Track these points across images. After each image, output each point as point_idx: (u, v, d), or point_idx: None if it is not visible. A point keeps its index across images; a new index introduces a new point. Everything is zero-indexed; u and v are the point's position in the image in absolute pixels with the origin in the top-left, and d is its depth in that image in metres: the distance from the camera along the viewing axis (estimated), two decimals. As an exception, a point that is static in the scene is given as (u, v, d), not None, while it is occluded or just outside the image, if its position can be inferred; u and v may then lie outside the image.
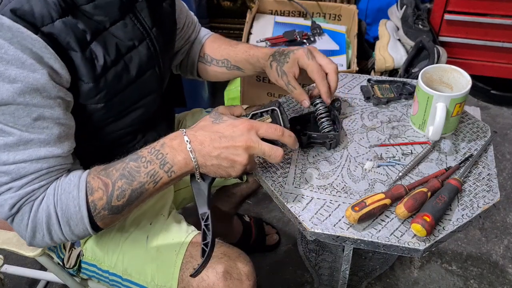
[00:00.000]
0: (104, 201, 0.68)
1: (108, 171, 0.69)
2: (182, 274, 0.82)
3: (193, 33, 1.04)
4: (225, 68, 1.01)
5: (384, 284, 1.37)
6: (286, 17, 1.83)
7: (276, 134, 0.70)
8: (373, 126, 0.91)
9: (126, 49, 0.76)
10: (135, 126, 0.85)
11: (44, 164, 0.68)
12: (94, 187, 0.68)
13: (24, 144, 0.66)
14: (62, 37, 0.67)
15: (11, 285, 1.40)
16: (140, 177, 0.68)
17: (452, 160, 0.83)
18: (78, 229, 0.69)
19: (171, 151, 0.69)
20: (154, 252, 0.85)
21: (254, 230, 1.44)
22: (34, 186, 0.67)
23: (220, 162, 0.68)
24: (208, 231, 0.69)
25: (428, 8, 1.85)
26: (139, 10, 0.78)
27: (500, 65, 1.86)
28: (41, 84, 0.64)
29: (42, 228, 0.68)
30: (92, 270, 0.91)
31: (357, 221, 0.71)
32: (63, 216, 0.68)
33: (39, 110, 0.65)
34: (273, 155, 0.69)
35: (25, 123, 0.65)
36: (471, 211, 0.74)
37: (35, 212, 0.68)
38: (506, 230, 1.50)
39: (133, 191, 0.69)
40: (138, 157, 0.69)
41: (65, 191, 0.68)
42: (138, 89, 0.81)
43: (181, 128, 1.10)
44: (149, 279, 0.85)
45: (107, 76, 0.74)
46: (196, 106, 1.33)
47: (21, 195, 0.67)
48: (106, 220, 0.71)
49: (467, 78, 0.84)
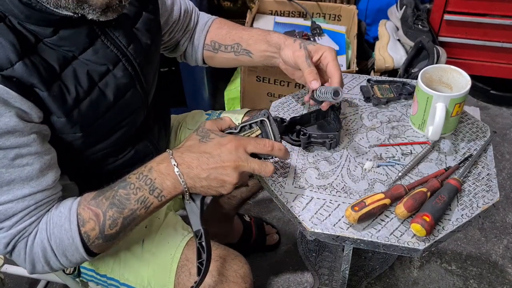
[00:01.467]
0: (97, 231, 0.68)
1: (97, 201, 0.68)
2: (178, 277, 0.82)
3: (191, 21, 1.00)
4: (233, 53, 0.97)
5: (383, 284, 1.37)
6: (286, 18, 1.83)
7: (265, 150, 0.70)
8: (372, 126, 0.91)
9: (99, 76, 0.73)
10: (121, 143, 0.84)
11: (31, 201, 0.67)
12: (85, 219, 0.68)
13: (6, 185, 0.65)
14: (24, 79, 0.63)
15: (11, 285, 1.40)
16: (131, 204, 0.68)
17: (452, 160, 0.83)
18: (75, 258, 0.70)
19: (159, 176, 0.68)
20: (150, 256, 0.85)
21: (254, 230, 1.44)
22: (25, 224, 0.67)
23: (210, 183, 0.68)
24: (202, 249, 0.69)
25: (428, 9, 1.85)
26: (112, 30, 0.74)
27: (499, 65, 1.86)
28: (11, 127, 0.62)
29: (40, 261, 0.69)
30: (91, 274, 0.92)
31: (357, 221, 0.71)
32: (58, 249, 0.68)
33: (15, 150, 0.64)
34: (264, 171, 0.69)
35: (3, 164, 0.64)
36: (470, 211, 0.74)
37: (30, 248, 0.68)
38: (506, 230, 1.50)
39: (124, 219, 0.68)
40: (126, 184, 0.69)
41: (57, 225, 0.68)
42: (119, 111, 0.78)
43: (181, 131, 1.10)
44: (145, 283, 0.85)
45: (80, 107, 0.71)
46: (196, 106, 1.33)
47: (13, 234, 0.67)
48: (102, 247, 0.71)
49: (467, 78, 0.85)
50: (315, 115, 0.90)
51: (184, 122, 1.12)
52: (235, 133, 0.75)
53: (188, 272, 0.81)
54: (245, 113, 1.07)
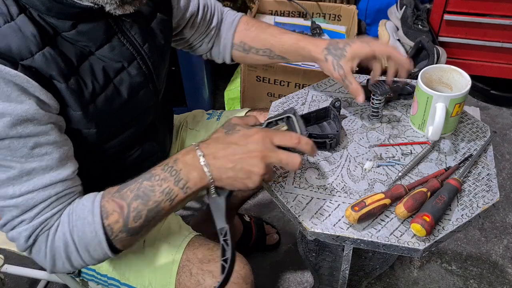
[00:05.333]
0: (121, 224, 0.67)
1: (122, 193, 0.67)
2: (179, 278, 0.82)
3: (214, 17, 0.98)
4: (267, 57, 0.97)
5: (384, 284, 1.37)
6: (286, 18, 1.83)
7: (292, 142, 0.68)
8: (372, 126, 0.91)
9: (114, 72, 0.74)
10: (130, 141, 0.84)
11: (51, 191, 0.66)
12: (108, 211, 0.67)
13: (27, 174, 0.65)
14: (43, 70, 0.64)
15: (11, 285, 1.41)
16: (155, 196, 0.67)
17: (452, 160, 0.83)
18: (97, 253, 0.68)
19: (185, 167, 0.67)
20: (151, 256, 0.85)
21: (254, 230, 1.44)
22: (47, 215, 0.66)
23: (236, 174, 0.66)
24: (227, 246, 0.66)
25: (428, 9, 1.85)
26: (129, 28, 0.75)
27: (499, 65, 1.86)
28: (30, 114, 0.63)
29: (61, 257, 0.67)
30: (91, 274, 0.91)
31: (357, 221, 0.71)
32: (81, 243, 0.67)
33: (34, 139, 0.64)
34: (291, 163, 0.67)
35: (23, 154, 0.64)
36: (470, 211, 0.74)
37: (51, 241, 0.66)
38: (506, 230, 1.50)
39: (149, 211, 0.67)
40: (151, 175, 0.68)
41: (80, 217, 0.66)
42: (132, 109, 0.79)
43: (182, 130, 1.10)
44: (146, 283, 0.85)
45: (96, 102, 0.72)
46: (197, 106, 1.33)
47: (35, 226, 0.66)
48: (125, 242, 0.69)
49: (467, 78, 0.85)
50: (315, 115, 0.90)
51: (185, 122, 1.12)
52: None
53: (189, 272, 0.81)
54: (245, 113, 1.07)
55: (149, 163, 0.85)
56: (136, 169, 0.73)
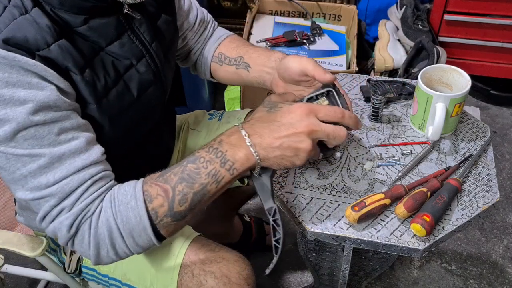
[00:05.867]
0: (166, 208, 0.65)
1: (165, 177, 0.66)
2: (180, 278, 0.82)
3: (206, 31, 1.00)
4: (234, 66, 0.94)
5: (384, 284, 1.37)
6: (286, 18, 1.83)
7: (337, 117, 0.66)
8: (372, 126, 0.91)
9: (124, 69, 0.74)
10: (138, 139, 0.84)
11: (86, 174, 0.65)
12: (152, 195, 0.65)
13: (58, 160, 0.63)
14: (59, 61, 0.64)
15: (11, 285, 1.40)
16: (201, 178, 0.65)
17: (452, 160, 0.84)
18: (142, 240, 0.67)
19: (230, 148, 0.65)
20: (152, 256, 0.85)
21: (254, 230, 1.44)
22: (87, 201, 0.65)
23: (283, 152, 0.64)
24: (278, 227, 0.66)
25: (428, 9, 1.85)
26: (138, 26, 0.75)
27: (499, 65, 1.86)
28: (52, 100, 0.62)
29: (105, 244, 0.66)
30: (92, 274, 0.91)
31: (357, 221, 0.71)
32: (125, 228, 0.65)
33: (58, 124, 0.64)
34: (338, 136, 0.66)
35: (50, 140, 0.63)
36: (470, 211, 0.74)
37: (95, 228, 0.65)
38: (506, 230, 1.50)
39: (195, 194, 0.66)
40: (195, 158, 0.66)
41: (123, 202, 0.65)
42: (141, 107, 0.79)
43: (183, 131, 1.11)
44: (148, 283, 0.85)
45: (108, 96, 0.72)
46: (197, 106, 1.33)
47: (76, 213, 0.64)
48: (170, 228, 0.68)
49: (467, 78, 0.85)
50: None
51: (187, 123, 1.12)
52: None
53: (191, 273, 0.81)
54: (246, 114, 1.07)
55: (153, 164, 0.85)
56: (139, 170, 0.72)
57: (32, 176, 0.63)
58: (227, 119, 1.09)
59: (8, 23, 0.61)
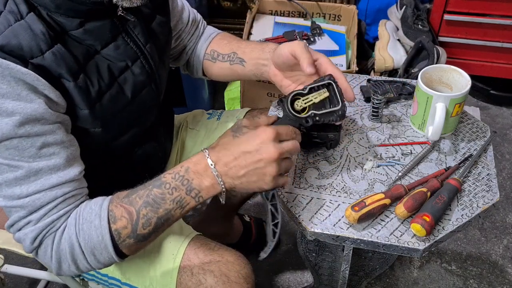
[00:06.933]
0: (129, 230, 0.67)
1: (131, 199, 0.67)
2: (180, 277, 0.82)
3: (197, 30, 1.01)
4: (228, 62, 0.95)
5: (383, 284, 1.37)
6: (286, 18, 1.83)
7: (292, 136, 0.70)
8: (372, 126, 0.91)
9: (119, 71, 0.74)
10: (133, 141, 0.84)
11: (58, 192, 0.66)
12: (117, 215, 0.67)
13: (34, 174, 0.65)
14: (53, 68, 0.65)
15: (11, 285, 1.40)
16: (166, 204, 0.67)
17: (452, 160, 0.83)
18: (103, 257, 0.68)
19: (196, 177, 0.67)
20: (152, 255, 0.85)
21: (254, 230, 1.44)
22: (53, 217, 0.66)
23: (249, 179, 0.66)
24: (275, 211, 0.68)
25: (428, 9, 1.85)
26: (132, 28, 0.76)
27: (499, 65, 1.86)
28: (39, 114, 0.63)
29: (67, 259, 0.67)
30: (92, 274, 0.91)
31: (357, 221, 0.71)
32: (87, 246, 0.67)
33: (42, 138, 0.64)
34: (297, 149, 0.69)
35: (31, 153, 0.64)
36: (470, 211, 0.74)
37: (57, 244, 0.67)
38: (506, 230, 1.50)
39: (159, 219, 0.67)
40: (161, 183, 0.68)
41: (87, 221, 0.67)
42: (135, 108, 0.80)
43: (182, 130, 1.10)
44: (147, 283, 0.85)
45: (102, 101, 0.72)
46: (196, 106, 1.33)
47: (41, 228, 0.66)
48: (132, 248, 0.70)
49: (467, 78, 0.85)
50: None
51: (185, 122, 1.12)
52: (304, 94, 0.73)
53: (190, 272, 0.81)
54: (245, 113, 1.07)
55: (150, 164, 0.85)
56: (136, 170, 0.73)
57: (7, 185, 0.65)
58: (226, 118, 1.09)
59: (3, 30, 0.62)
